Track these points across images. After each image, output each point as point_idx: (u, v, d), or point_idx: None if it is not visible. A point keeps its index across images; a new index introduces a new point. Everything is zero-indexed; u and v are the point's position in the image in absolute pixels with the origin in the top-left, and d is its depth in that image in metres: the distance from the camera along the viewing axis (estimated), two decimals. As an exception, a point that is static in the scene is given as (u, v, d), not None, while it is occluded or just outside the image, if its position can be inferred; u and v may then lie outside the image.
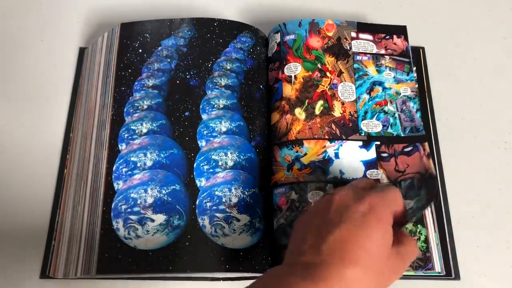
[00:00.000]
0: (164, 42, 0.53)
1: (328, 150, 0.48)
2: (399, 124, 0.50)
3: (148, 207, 0.45)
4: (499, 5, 0.62)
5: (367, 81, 0.52)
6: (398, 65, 0.53)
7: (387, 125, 0.50)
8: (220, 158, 0.47)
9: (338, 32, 0.54)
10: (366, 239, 0.33)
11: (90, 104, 0.52)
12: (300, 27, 0.54)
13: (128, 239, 0.44)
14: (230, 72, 0.52)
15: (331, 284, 0.31)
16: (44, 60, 0.57)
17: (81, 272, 0.43)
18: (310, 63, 0.52)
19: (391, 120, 0.50)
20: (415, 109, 0.50)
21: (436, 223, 0.47)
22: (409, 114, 0.50)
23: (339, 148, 0.48)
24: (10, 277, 0.46)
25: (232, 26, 0.54)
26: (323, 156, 0.48)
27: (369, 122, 0.50)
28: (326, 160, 0.48)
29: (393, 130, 0.49)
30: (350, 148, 0.48)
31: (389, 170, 0.47)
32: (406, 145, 0.49)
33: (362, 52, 0.53)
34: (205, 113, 0.50)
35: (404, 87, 0.51)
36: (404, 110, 0.50)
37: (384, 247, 0.34)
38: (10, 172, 0.51)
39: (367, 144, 0.49)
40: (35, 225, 0.48)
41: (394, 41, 0.54)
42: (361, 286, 0.32)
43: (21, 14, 0.59)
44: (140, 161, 0.47)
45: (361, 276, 0.32)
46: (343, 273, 0.31)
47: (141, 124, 0.49)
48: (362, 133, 0.49)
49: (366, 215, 0.34)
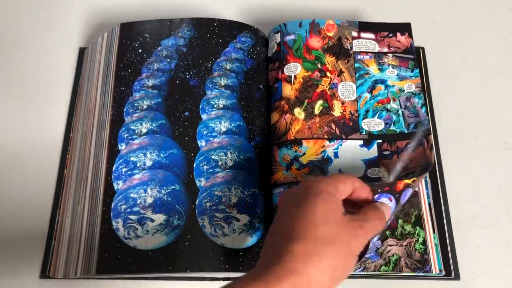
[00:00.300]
0: (163, 42, 0.53)
1: (327, 150, 0.48)
2: (402, 121, 0.49)
3: (148, 207, 0.45)
4: (499, 5, 0.62)
5: (368, 80, 0.52)
6: (402, 62, 0.53)
7: (390, 122, 0.49)
8: (219, 158, 0.47)
9: (338, 32, 0.54)
10: (307, 213, 0.33)
11: (90, 104, 0.52)
12: (300, 27, 0.54)
13: (128, 239, 0.44)
14: (230, 72, 0.52)
15: (283, 266, 0.31)
16: (44, 60, 0.57)
17: (81, 272, 0.43)
18: (310, 63, 0.52)
19: (394, 117, 0.50)
20: (420, 104, 0.50)
21: (436, 223, 0.47)
22: (413, 110, 0.49)
23: (339, 147, 0.48)
24: (10, 277, 0.46)
25: (232, 26, 0.54)
26: (322, 156, 0.48)
27: (370, 121, 0.50)
28: (325, 159, 0.48)
29: (396, 127, 0.49)
30: (350, 148, 0.48)
31: (391, 167, 0.47)
32: (410, 142, 0.48)
33: (363, 51, 0.53)
34: (204, 113, 0.50)
35: (409, 84, 0.51)
36: (408, 107, 0.50)
37: (330, 215, 0.34)
38: (10, 172, 0.51)
39: (368, 143, 0.49)
40: (35, 225, 0.48)
41: (397, 38, 0.54)
42: (315, 255, 0.32)
43: (21, 14, 0.59)
44: (139, 161, 0.47)
45: (311, 247, 0.32)
46: (291, 250, 0.32)
47: (141, 124, 0.49)
48: (363, 132, 0.49)
49: (303, 194, 0.35)
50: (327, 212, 0.34)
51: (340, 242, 0.33)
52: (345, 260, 0.33)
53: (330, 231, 0.33)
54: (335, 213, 0.34)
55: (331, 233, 0.33)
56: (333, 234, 0.33)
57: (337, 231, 0.33)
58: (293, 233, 0.33)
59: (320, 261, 0.31)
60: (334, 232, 0.33)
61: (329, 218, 0.33)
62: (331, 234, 0.33)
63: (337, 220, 0.34)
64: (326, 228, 0.33)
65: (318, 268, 0.31)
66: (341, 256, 0.33)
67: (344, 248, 0.33)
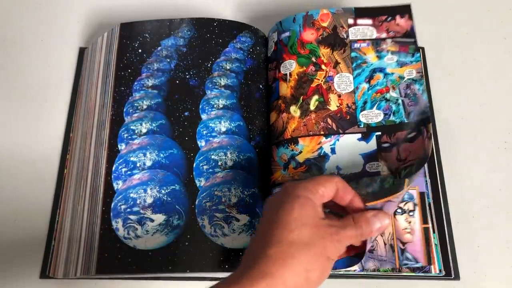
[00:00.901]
0: (163, 42, 0.53)
1: (323, 146, 0.47)
2: (402, 110, 0.47)
3: (148, 207, 0.45)
4: (499, 5, 0.62)
5: (366, 69, 0.50)
6: (401, 47, 0.50)
7: (389, 113, 0.48)
8: (219, 158, 0.47)
9: (333, 21, 0.52)
10: (284, 217, 0.34)
11: (90, 104, 0.52)
12: (294, 22, 0.53)
13: (128, 239, 0.44)
14: (229, 72, 0.52)
15: (257, 269, 0.32)
16: (44, 60, 0.57)
17: (80, 272, 0.43)
18: (304, 58, 0.51)
19: (393, 107, 0.48)
20: (421, 91, 0.48)
21: (436, 223, 0.47)
22: (413, 98, 0.47)
23: (336, 143, 0.47)
24: (10, 277, 0.46)
25: (231, 26, 0.54)
26: (318, 153, 0.47)
27: (368, 113, 0.48)
28: (322, 156, 0.47)
29: (396, 117, 0.47)
30: (348, 142, 0.47)
31: (390, 160, 0.46)
32: (410, 131, 0.46)
33: (360, 39, 0.51)
34: (204, 113, 0.50)
35: (409, 70, 0.49)
36: (408, 94, 0.48)
37: (307, 219, 0.34)
38: (10, 172, 0.51)
39: (366, 136, 0.47)
40: (35, 225, 0.48)
41: (397, 22, 0.51)
42: (289, 259, 0.32)
43: (21, 14, 0.59)
44: (139, 161, 0.47)
45: (286, 251, 0.32)
46: (267, 254, 0.32)
47: (141, 124, 0.49)
48: (361, 125, 0.48)
49: (282, 199, 0.36)
50: (303, 216, 0.34)
51: (316, 246, 0.33)
52: (321, 264, 0.33)
53: (306, 235, 0.33)
54: (312, 217, 0.35)
55: (306, 237, 0.33)
56: (308, 239, 0.33)
57: (312, 235, 0.34)
58: (269, 237, 0.33)
59: (295, 265, 0.32)
60: (310, 236, 0.33)
61: (305, 222, 0.34)
62: (306, 239, 0.33)
63: (313, 225, 0.34)
64: (302, 232, 0.33)
65: (293, 271, 0.32)
66: (317, 259, 0.33)
67: (320, 252, 0.33)
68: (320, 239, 0.34)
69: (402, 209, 0.45)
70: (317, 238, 0.34)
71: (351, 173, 0.46)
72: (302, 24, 0.52)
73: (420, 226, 0.44)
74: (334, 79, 0.50)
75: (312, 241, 0.33)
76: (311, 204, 0.35)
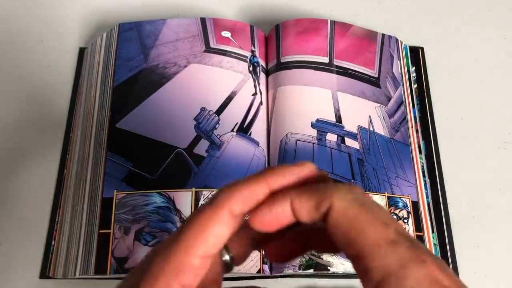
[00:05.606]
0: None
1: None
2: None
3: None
4: (499, 5, 0.62)
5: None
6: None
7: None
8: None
9: None
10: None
11: (90, 104, 0.52)
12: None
13: (127, 239, 0.43)
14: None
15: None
16: (44, 60, 0.57)
17: (80, 272, 0.43)
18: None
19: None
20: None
21: (435, 223, 0.47)
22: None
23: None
24: (10, 277, 0.46)
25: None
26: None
27: None
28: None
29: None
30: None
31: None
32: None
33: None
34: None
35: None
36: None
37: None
38: (10, 172, 0.51)
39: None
40: (35, 225, 0.48)
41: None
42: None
43: (21, 14, 0.59)
44: (139, 161, 0.47)
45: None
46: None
47: (141, 124, 0.48)
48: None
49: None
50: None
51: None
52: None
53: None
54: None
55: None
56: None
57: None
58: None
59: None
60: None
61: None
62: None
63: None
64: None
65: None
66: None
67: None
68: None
69: (398, 216, 0.45)
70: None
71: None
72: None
73: (413, 234, 0.45)
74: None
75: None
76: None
